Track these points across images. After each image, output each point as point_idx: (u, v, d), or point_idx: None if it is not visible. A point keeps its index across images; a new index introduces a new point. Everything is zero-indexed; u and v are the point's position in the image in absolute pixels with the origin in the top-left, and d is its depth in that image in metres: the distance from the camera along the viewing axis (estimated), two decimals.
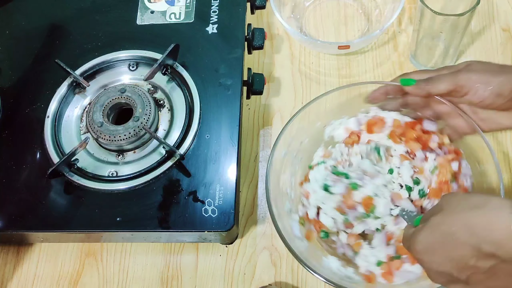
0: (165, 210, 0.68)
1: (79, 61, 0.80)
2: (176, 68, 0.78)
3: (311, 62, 0.89)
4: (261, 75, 0.80)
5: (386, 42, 0.89)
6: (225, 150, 0.71)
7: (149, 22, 0.83)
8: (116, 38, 0.82)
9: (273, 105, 0.86)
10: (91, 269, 0.76)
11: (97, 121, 0.72)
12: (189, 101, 0.76)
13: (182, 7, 0.84)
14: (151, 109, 0.73)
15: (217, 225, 0.67)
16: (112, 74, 0.80)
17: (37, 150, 0.74)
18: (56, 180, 0.72)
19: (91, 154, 0.75)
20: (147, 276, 0.74)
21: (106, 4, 0.86)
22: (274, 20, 0.93)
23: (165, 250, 0.76)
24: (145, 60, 0.80)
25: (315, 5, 0.94)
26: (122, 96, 0.74)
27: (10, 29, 0.86)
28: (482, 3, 0.74)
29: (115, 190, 0.71)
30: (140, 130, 0.72)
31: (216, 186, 0.69)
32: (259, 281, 0.73)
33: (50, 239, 0.75)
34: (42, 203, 0.71)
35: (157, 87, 0.79)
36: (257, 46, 0.82)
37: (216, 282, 0.73)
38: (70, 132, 0.77)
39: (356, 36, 0.90)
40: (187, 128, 0.74)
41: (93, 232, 0.71)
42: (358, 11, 0.92)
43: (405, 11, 0.91)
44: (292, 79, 0.88)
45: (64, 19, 0.86)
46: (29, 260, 0.77)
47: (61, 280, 0.75)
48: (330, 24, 0.92)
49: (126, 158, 0.74)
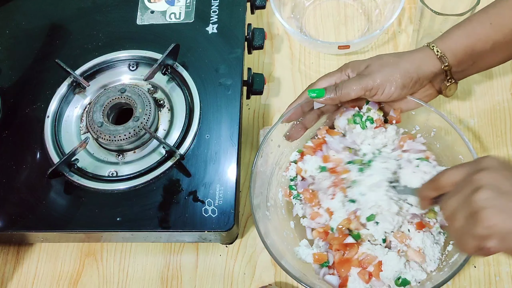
0: (165, 210, 0.68)
1: (79, 61, 0.80)
2: (176, 68, 0.78)
3: (311, 62, 0.89)
4: (261, 75, 0.80)
5: (386, 42, 0.89)
6: (225, 150, 0.71)
7: (149, 22, 0.83)
8: (116, 38, 0.82)
9: (273, 105, 0.86)
10: (91, 269, 0.76)
11: (97, 121, 0.72)
12: (189, 101, 0.76)
13: (182, 7, 0.84)
14: (151, 109, 0.73)
15: (217, 225, 0.67)
16: (112, 74, 0.80)
17: (37, 150, 0.74)
18: (56, 180, 0.72)
19: (91, 154, 0.75)
20: (147, 276, 0.74)
21: (106, 4, 0.86)
22: (274, 20, 0.93)
23: (165, 250, 0.76)
24: (145, 60, 0.80)
25: (315, 5, 0.94)
26: (122, 96, 0.74)
27: (10, 29, 0.86)
28: (482, 3, 0.74)
29: (115, 190, 0.71)
30: (140, 130, 0.72)
31: (216, 186, 0.69)
32: (259, 281, 0.73)
33: (50, 239, 0.75)
34: (42, 203, 0.71)
35: (157, 87, 0.79)
36: (257, 46, 0.82)
37: (216, 282, 0.73)
38: (70, 132, 0.77)
39: (356, 36, 0.90)
40: (187, 128, 0.74)
41: (93, 232, 0.71)
42: (358, 11, 0.92)
43: (405, 11, 0.91)
44: (292, 79, 0.88)
45: (64, 19, 0.86)
46: (29, 260, 0.77)
47: (61, 280, 0.75)
48: (330, 24, 0.92)
49: (126, 158, 0.74)
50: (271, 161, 0.72)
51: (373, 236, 0.66)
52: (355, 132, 0.71)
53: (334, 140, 0.72)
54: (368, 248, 0.66)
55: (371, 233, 0.66)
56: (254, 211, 0.66)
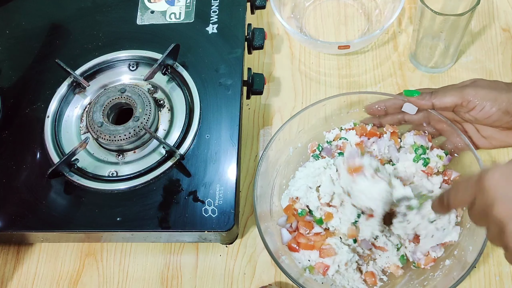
0: (165, 210, 0.68)
1: (79, 61, 0.80)
2: (176, 68, 0.78)
3: (311, 62, 0.89)
4: (261, 75, 0.80)
5: (386, 42, 0.89)
6: (225, 150, 0.71)
7: (149, 22, 0.83)
8: (116, 38, 0.82)
9: (273, 105, 0.86)
10: (91, 269, 0.76)
11: (97, 121, 0.72)
12: (189, 101, 0.76)
13: (182, 7, 0.84)
14: (151, 109, 0.73)
15: (217, 225, 0.67)
16: (112, 74, 0.80)
17: (37, 150, 0.74)
18: (56, 180, 0.72)
19: (91, 154, 0.75)
20: (147, 276, 0.74)
21: (106, 4, 0.86)
22: (274, 20, 0.93)
23: (165, 250, 0.76)
24: (145, 60, 0.80)
25: (315, 5, 0.94)
26: (122, 96, 0.74)
27: (10, 29, 0.86)
28: (482, 3, 0.75)
29: (115, 190, 0.71)
30: (140, 130, 0.72)
31: (216, 186, 0.69)
32: (259, 281, 0.73)
33: (50, 239, 0.75)
34: (42, 203, 0.71)
35: (157, 87, 0.79)
36: (257, 46, 0.82)
37: (216, 282, 0.73)
38: (70, 132, 0.77)
39: (356, 36, 0.90)
40: (187, 128, 0.74)
41: (93, 232, 0.71)
42: (358, 11, 0.92)
43: (405, 11, 0.91)
44: (292, 79, 0.88)
45: (64, 19, 0.86)
46: (29, 260, 0.77)
47: (61, 280, 0.75)
48: (330, 24, 0.92)
49: (126, 158, 0.74)
50: (276, 160, 0.73)
51: (345, 236, 0.67)
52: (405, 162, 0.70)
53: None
54: (335, 243, 0.67)
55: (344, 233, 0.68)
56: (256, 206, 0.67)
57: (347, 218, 0.67)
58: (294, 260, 0.68)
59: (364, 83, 0.86)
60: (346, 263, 0.66)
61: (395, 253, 0.68)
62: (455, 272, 0.63)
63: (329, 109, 0.74)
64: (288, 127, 0.72)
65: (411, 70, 0.86)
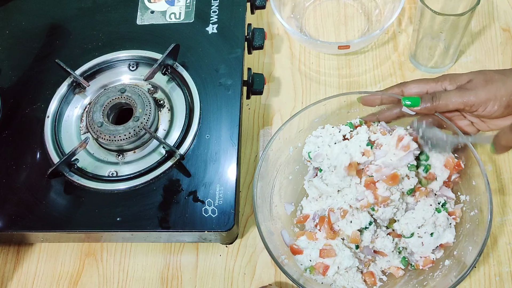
0: (165, 210, 0.68)
1: (79, 61, 0.80)
2: (176, 68, 0.78)
3: (311, 62, 0.89)
4: (261, 75, 0.80)
5: (386, 42, 0.89)
6: (225, 150, 0.71)
7: (149, 22, 0.83)
8: (116, 38, 0.82)
9: (273, 105, 0.86)
10: (91, 269, 0.76)
11: (97, 121, 0.72)
12: (189, 101, 0.76)
13: (182, 7, 0.84)
14: (151, 109, 0.73)
15: (217, 225, 0.67)
16: (112, 74, 0.80)
17: (37, 150, 0.74)
18: (56, 180, 0.72)
19: (91, 154, 0.75)
20: (147, 276, 0.74)
21: (106, 4, 0.86)
22: (274, 20, 0.93)
23: (165, 250, 0.76)
24: (145, 60, 0.80)
25: (315, 5, 0.94)
26: (122, 96, 0.74)
27: (10, 29, 0.86)
28: (482, 3, 0.75)
29: (115, 190, 0.71)
30: (140, 130, 0.72)
31: (216, 186, 0.69)
32: (259, 281, 0.73)
33: (50, 239, 0.75)
34: (42, 203, 0.71)
35: (157, 87, 0.79)
36: (257, 46, 0.82)
37: (216, 282, 0.73)
38: (70, 132, 0.77)
39: (356, 36, 0.90)
40: (187, 128, 0.74)
41: (93, 232, 0.71)
42: (358, 11, 0.92)
43: (405, 11, 0.91)
44: (292, 79, 0.88)
45: (64, 19, 0.86)
46: (29, 260, 0.77)
47: (61, 280, 0.75)
48: (330, 24, 0.92)
49: (126, 158, 0.74)
50: (276, 160, 0.73)
51: (348, 237, 0.67)
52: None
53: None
54: (336, 244, 0.67)
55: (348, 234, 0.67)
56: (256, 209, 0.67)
57: (358, 222, 0.67)
58: (295, 261, 0.68)
59: (364, 83, 0.86)
60: (346, 269, 0.66)
61: (396, 257, 0.68)
62: (454, 272, 0.63)
63: (329, 109, 0.74)
64: (288, 127, 0.72)
65: (411, 70, 0.86)
